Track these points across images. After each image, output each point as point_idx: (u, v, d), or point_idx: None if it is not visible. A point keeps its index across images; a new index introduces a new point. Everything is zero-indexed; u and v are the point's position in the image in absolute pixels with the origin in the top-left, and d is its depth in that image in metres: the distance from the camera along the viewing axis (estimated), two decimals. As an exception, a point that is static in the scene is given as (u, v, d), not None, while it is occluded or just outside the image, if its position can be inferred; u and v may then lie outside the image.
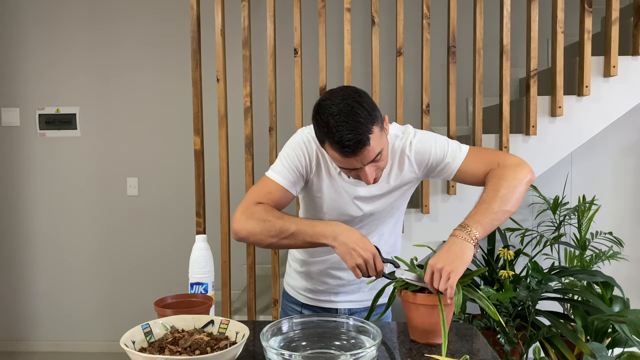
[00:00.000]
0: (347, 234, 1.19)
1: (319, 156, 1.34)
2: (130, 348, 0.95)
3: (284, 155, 1.34)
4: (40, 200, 3.35)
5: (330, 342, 1.07)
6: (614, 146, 3.05)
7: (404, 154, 1.36)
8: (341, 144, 1.14)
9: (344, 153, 1.16)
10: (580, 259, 2.68)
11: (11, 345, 3.40)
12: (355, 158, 1.17)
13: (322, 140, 1.21)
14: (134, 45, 3.25)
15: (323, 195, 1.36)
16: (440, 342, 1.18)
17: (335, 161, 1.22)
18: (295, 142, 1.35)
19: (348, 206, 1.36)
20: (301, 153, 1.33)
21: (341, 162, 1.20)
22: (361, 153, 1.16)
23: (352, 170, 1.22)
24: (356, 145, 1.14)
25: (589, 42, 2.31)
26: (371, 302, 1.31)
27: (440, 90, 2.98)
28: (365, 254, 1.16)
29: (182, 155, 3.24)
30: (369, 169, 1.20)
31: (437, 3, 2.81)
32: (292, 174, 1.32)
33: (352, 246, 1.17)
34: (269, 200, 1.30)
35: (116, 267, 3.35)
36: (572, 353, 2.14)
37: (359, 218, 1.38)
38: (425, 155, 1.36)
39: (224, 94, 2.31)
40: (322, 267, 1.46)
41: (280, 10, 2.80)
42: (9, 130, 3.33)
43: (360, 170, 1.20)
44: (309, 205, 1.42)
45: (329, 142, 1.18)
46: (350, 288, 1.50)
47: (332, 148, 1.18)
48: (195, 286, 1.24)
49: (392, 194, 1.38)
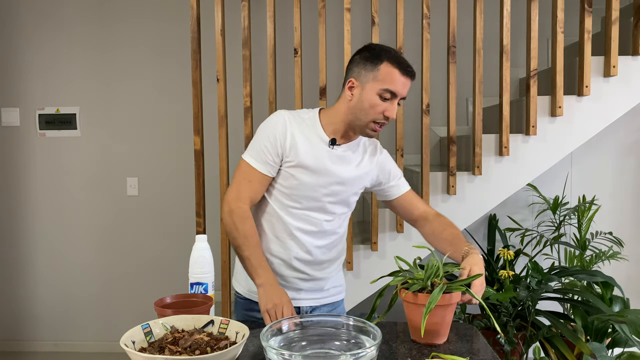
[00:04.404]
0: (275, 286, 1.32)
1: (297, 134, 1.42)
2: (130, 348, 0.95)
3: (260, 138, 1.43)
4: (40, 200, 3.35)
5: (330, 342, 1.07)
6: (613, 146, 3.05)
7: (376, 151, 1.54)
8: (404, 65, 1.36)
9: (406, 73, 1.36)
10: (580, 259, 2.68)
11: (11, 345, 3.40)
12: (406, 82, 1.37)
13: (380, 59, 1.36)
14: (134, 46, 3.25)
15: (301, 171, 1.42)
16: (441, 343, 1.19)
17: (389, 79, 1.35)
18: (272, 122, 1.43)
19: (322, 179, 1.43)
20: (279, 133, 1.41)
21: (396, 80, 1.35)
22: (410, 80, 1.38)
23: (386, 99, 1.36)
24: (413, 72, 1.38)
25: (589, 42, 2.31)
26: (372, 305, 1.32)
27: (440, 90, 2.98)
28: (276, 300, 1.28)
29: (182, 155, 3.24)
30: (395, 105, 1.38)
31: (437, 3, 2.81)
32: (272, 157, 1.41)
33: (271, 293, 1.30)
34: (250, 191, 1.42)
35: (116, 267, 3.35)
36: (572, 353, 2.14)
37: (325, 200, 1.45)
38: (387, 164, 1.55)
39: (224, 94, 2.31)
40: (285, 257, 1.47)
41: (280, 10, 2.80)
42: (9, 130, 3.33)
43: (392, 101, 1.37)
44: (282, 188, 1.45)
45: (391, 61, 1.35)
46: (314, 285, 1.51)
47: (392, 66, 1.35)
48: (195, 286, 1.24)
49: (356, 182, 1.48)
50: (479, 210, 2.40)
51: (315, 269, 1.49)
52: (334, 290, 1.57)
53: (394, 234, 2.39)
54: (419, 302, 1.15)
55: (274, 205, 1.46)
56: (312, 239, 1.46)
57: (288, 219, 1.44)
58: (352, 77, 1.40)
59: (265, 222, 1.48)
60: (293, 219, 1.44)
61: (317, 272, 1.50)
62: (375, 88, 1.36)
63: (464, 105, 3.19)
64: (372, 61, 1.36)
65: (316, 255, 1.48)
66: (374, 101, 1.36)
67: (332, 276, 1.55)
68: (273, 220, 1.46)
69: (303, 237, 1.45)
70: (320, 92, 2.33)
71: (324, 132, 1.44)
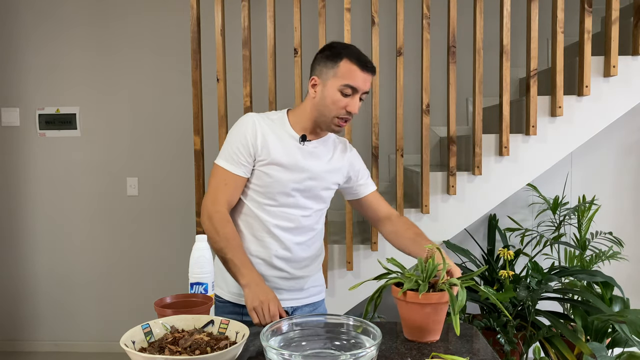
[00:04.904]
0: (260, 284, 1.34)
1: (267, 133, 1.44)
2: (130, 348, 0.95)
3: (231, 141, 1.45)
4: (40, 200, 3.35)
5: (330, 342, 1.07)
6: (614, 146, 3.05)
7: (346, 147, 1.59)
8: (363, 61, 1.40)
9: (366, 68, 1.40)
10: (580, 259, 2.68)
11: (11, 345, 3.40)
12: (366, 77, 1.41)
13: (340, 56, 1.40)
14: (134, 46, 3.25)
15: (275, 168, 1.44)
16: (434, 340, 1.20)
17: (349, 75, 1.39)
18: (242, 124, 1.46)
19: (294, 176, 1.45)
20: (249, 134, 1.43)
21: (355, 76, 1.39)
22: (371, 76, 1.42)
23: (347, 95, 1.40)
24: (373, 67, 1.42)
25: (589, 42, 2.31)
26: (365, 307, 1.32)
27: (440, 90, 2.98)
28: (262, 297, 1.30)
29: (182, 155, 3.24)
30: (357, 100, 1.42)
31: (437, 3, 2.81)
32: (245, 158, 1.44)
33: (256, 292, 1.31)
34: (226, 194, 1.44)
35: (116, 267, 3.35)
36: (572, 353, 2.14)
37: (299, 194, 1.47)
38: (357, 163, 1.60)
39: (224, 94, 2.31)
40: (265, 256, 1.48)
41: (280, 10, 2.80)
42: (9, 130, 3.33)
43: (353, 97, 1.41)
44: (257, 187, 1.46)
45: (351, 58, 1.40)
46: (295, 284, 1.52)
47: (352, 62, 1.39)
48: (195, 286, 1.24)
49: (327, 177, 1.51)
50: (479, 210, 2.40)
51: (295, 267, 1.51)
52: (314, 290, 1.59)
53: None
54: (411, 300, 1.15)
55: (250, 205, 1.48)
56: (291, 235, 1.48)
57: (265, 217, 1.46)
58: (315, 75, 1.46)
59: (243, 222, 1.49)
60: (270, 217, 1.46)
61: (297, 270, 1.52)
62: (336, 84, 1.40)
63: (464, 105, 3.19)
64: (333, 59, 1.41)
65: (295, 252, 1.50)
66: (335, 97, 1.41)
67: (312, 275, 1.57)
68: (250, 220, 1.48)
69: (281, 234, 1.47)
70: (320, 92, 2.33)
71: (293, 130, 1.48)
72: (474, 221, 2.44)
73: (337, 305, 2.38)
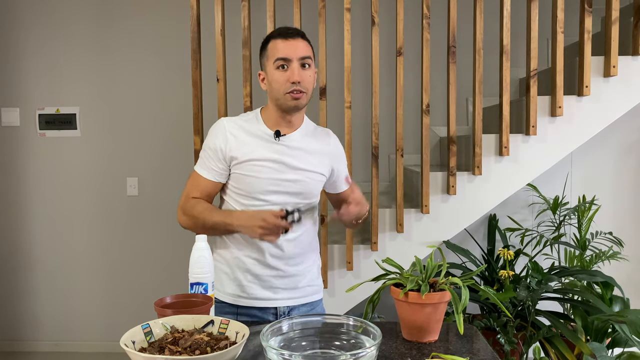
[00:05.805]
0: (248, 218, 1.40)
1: (240, 135, 1.48)
2: (130, 348, 0.95)
3: (204, 148, 1.51)
4: (40, 200, 3.35)
5: (330, 342, 1.07)
6: (613, 146, 3.05)
7: (329, 134, 1.61)
8: (283, 32, 1.44)
9: (286, 35, 1.43)
10: (580, 259, 2.68)
11: (11, 345, 3.40)
12: (290, 43, 1.42)
13: (266, 42, 1.47)
14: (134, 45, 3.25)
15: (254, 168, 1.46)
16: (432, 340, 1.19)
17: (274, 50, 1.43)
18: (213, 130, 1.51)
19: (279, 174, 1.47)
20: (218, 140, 1.48)
21: (279, 47, 1.43)
22: (298, 40, 1.44)
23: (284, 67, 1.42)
24: (295, 31, 1.44)
25: (589, 42, 2.31)
26: (364, 311, 1.32)
27: (440, 90, 2.98)
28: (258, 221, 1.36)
29: (182, 155, 3.24)
30: (297, 66, 1.42)
31: (437, 3, 2.81)
32: (215, 163, 1.49)
33: (251, 221, 1.38)
34: (200, 193, 1.51)
35: (116, 267, 3.35)
36: (572, 353, 2.14)
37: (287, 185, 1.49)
38: (339, 154, 1.63)
39: (224, 94, 2.31)
40: (259, 256, 1.49)
41: (280, 10, 2.80)
42: (9, 130, 3.33)
43: (290, 67, 1.42)
44: (238, 190, 1.49)
45: (272, 36, 1.45)
46: (289, 282, 1.53)
47: (274, 39, 1.44)
48: (195, 286, 1.24)
49: (310, 168, 1.51)
50: (479, 210, 2.40)
51: (288, 264, 1.52)
52: (310, 289, 1.59)
53: (394, 234, 2.39)
54: (410, 300, 1.15)
55: (237, 208, 1.49)
56: None
57: None
58: (260, 71, 1.53)
59: None
60: None
61: (291, 267, 1.52)
62: (270, 65, 1.45)
63: (464, 105, 3.19)
64: (263, 48, 1.49)
65: (287, 249, 1.50)
66: (275, 76, 1.45)
67: (307, 274, 1.57)
68: None
69: None
70: (320, 92, 2.33)
71: (266, 126, 1.50)
72: (474, 221, 2.44)
73: (337, 305, 2.38)
